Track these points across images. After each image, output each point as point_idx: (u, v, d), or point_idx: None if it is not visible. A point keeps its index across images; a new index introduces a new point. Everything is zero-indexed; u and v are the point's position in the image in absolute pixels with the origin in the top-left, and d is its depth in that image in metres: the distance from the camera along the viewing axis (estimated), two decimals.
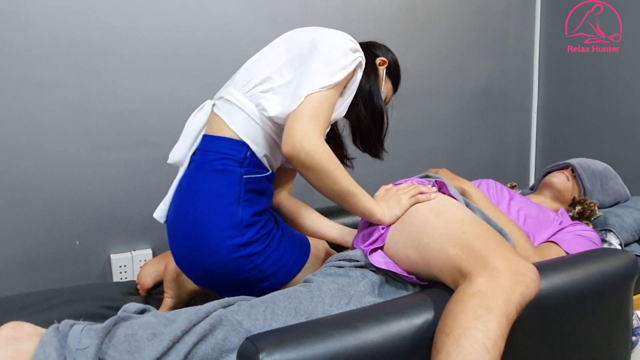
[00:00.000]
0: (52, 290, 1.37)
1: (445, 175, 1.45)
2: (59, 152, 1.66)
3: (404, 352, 0.85)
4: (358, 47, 1.15)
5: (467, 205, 1.21)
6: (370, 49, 1.31)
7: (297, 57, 1.13)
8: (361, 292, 1.02)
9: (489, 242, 0.96)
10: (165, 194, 1.22)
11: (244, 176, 1.10)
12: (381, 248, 1.12)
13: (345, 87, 1.16)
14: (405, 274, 1.06)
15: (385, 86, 1.33)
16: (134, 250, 1.82)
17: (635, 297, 1.21)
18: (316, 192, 1.11)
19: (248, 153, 1.11)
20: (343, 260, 1.13)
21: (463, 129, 2.42)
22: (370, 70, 1.26)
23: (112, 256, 1.79)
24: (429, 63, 2.27)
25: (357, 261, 1.11)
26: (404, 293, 1.06)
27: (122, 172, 1.75)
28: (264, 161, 1.15)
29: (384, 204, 1.14)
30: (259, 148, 1.13)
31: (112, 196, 1.76)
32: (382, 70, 1.31)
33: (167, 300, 1.24)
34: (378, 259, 1.08)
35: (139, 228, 1.81)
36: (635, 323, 1.41)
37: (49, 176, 1.66)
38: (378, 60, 1.30)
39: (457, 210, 1.07)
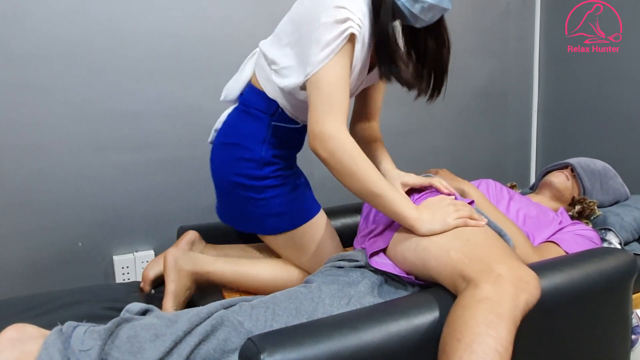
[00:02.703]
0: (55, 292, 1.38)
1: (444, 176, 1.45)
2: (61, 154, 1.67)
3: (404, 353, 0.86)
4: (348, 14, 1.04)
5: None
6: None
7: (297, 41, 1.13)
8: (361, 292, 1.03)
9: (492, 249, 0.97)
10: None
11: (272, 123, 1.23)
12: (384, 250, 1.13)
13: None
14: (404, 275, 1.07)
15: None
16: (137, 251, 1.83)
17: (634, 295, 1.22)
18: (320, 190, 1.12)
19: (279, 110, 1.23)
20: (343, 260, 1.15)
21: (463, 128, 2.42)
22: None
23: (115, 257, 1.79)
24: None
25: (357, 261, 1.13)
26: (404, 293, 1.06)
27: (125, 174, 1.76)
28: (294, 117, 1.24)
29: (429, 213, 1.06)
30: (287, 107, 1.22)
31: (115, 198, 1.76)
32: None
33: (169, 286, 1.25)
34: (377, 260, 1.10)
35: (142, 229, 1.82)
36: (634, 322, 1.42)
37: (51, 178, 1.67)
38: None
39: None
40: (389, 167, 1.29)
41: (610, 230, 1.54)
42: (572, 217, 1.58)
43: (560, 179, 1.65)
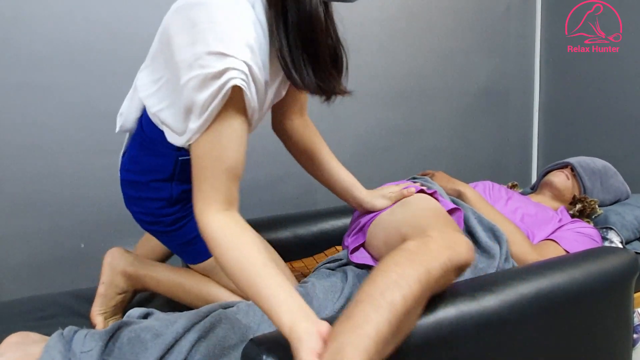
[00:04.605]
0: (57, 293, 1.39)
1: (441, 178, 1.46)
2: (63, 156, 1.67)
3: (405, 352, 0.86)
4: (226, 63, 0.80)
5: (456, 203, 1.27)
6: None
7: (171, 87, 0.94)
8: (350, 285, 1.07)
9: (438, 222, 1.00)
10: None
11: (180, 158, 1.06)
12: (364, 244, 1.19)
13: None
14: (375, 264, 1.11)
15: None
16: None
17: (636, 294, 1.22)
18: (319, 191, 1.12)
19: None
20: (330, 262, 1.21)
21: (465, 128, 2.42)
22: None
23: None
24: (430, 63, 2.28)
25: (341, 259, 1.20)
26: None
27: None
28: None
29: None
30: None
31: (117, 199, 1.75)
32: None
33: (99, 288, 1.21)
34: (357, 255, 1.16)
35: (144, 230, 1.82)
36: (636, 321, 1.42)
37: (53, 179, 1.67)
38: None
39: (421, 201, 1.14)
40: (363, 194, 1.21)
41: (611, 229, 1.54)
42: (573, 216, 1.58)
43: (560, 179, 1.65)
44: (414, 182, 1.31)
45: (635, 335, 1.43)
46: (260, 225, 1.49)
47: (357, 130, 2.15)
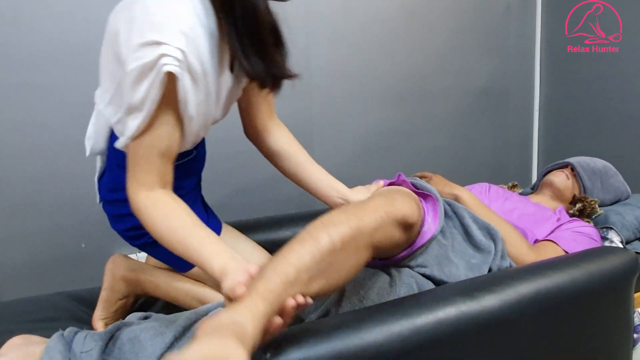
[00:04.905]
0: (59, 293, 1.39)
1: (438, 181, 1.46)
2: (63, 156, 1.68)
3: (406, 352, 0.86)
4: (160, 50, 0.82)
5: (450, 205, 1.28)
6: None
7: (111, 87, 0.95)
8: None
9: (390, 191, 1.04)
10: None
11: None
12: None
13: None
14: None
15: None
16: (140, 252, 1.83)
17: (636, 294, 1.22)
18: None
19: None
20: None
21: (465, 128, 2.42)
22: None
23: None
24: (431, 63, 2.28)
25: None
26: (382, 276, 1.09)
27: None
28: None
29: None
30: None
31: None
32: None
33: (101, 294, 1.23)
34: None
35: None
36: (636, 320, 1.42)
37: (54, 179, 1.67)
38: None
39: (394, 187, 1.16)
40: (346, 188, 1.21)
41: (611, 229, 1.54)
42: (573, 216, 1.59)
43: (560, 178, 1.65)
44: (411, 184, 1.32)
45: (635, 335, 1.43)
46: (260, 225, 1.49)
47: (357, 130, 2.15)
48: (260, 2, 0.89)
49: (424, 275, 1.09)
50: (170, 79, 0.84)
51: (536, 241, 1.38)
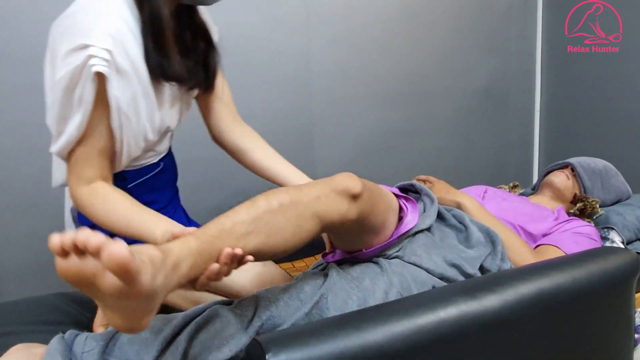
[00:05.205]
0: (60, 294, 1.39)
1: (439, 189, 1.46)
2: None
3: (408, 352, 0.86)
4: (89, 42, 0.86)
5: (450, 211, 1.29)
6: None
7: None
8: (334, 277, 1.07)
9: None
10: None
11: (129, 187, 1.09)
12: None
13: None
14: (348, 255, 1.12)
15: None
16: None
17: (637, 295, 1.22)
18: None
19: (123, 173, 1.09)
20: (313, 269, 1.22)
21: (466, 128, 2.43)
22: None
23: None
24: (431, 63, 2.28)
25: (321, 264, 1.22)
26: (372, 266, 1.09)
27: None
28: (142, 164, 1.11)
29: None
30: (126, 165, 1.07)
31: None
32: None
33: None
34: (329, 257, 1.17)
35: None
36: (637, 321, 1.42)
37: None
38: None
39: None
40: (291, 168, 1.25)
41: (612, 229, 1.54)
42: (573, 215, 1.59)
43: (560, 179, 1.65)
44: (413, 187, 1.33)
45: (636, 336, 1.43)
46: None
47: (358, 130, 2.15)
48: (158, 12, 0.94)
49: (414, 265, 1.10)
50: (101, 79, 0.88)
51: (537, 246, 1.38)
